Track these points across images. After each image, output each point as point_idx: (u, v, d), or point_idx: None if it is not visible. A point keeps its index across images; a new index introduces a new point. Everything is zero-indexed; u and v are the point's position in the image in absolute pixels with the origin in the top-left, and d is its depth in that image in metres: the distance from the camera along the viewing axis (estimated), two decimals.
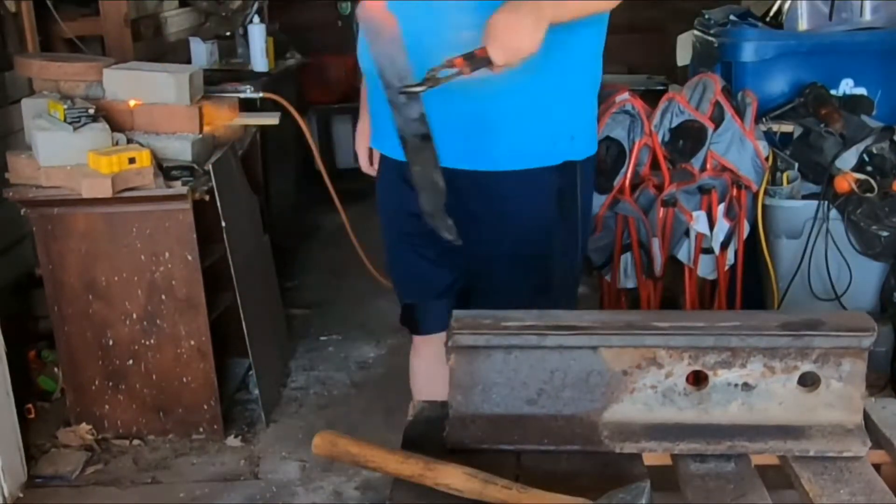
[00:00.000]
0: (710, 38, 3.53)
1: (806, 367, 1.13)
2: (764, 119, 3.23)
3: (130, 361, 2.87)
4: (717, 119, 3.03)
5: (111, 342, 2.85)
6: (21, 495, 2.68)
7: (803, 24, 3.43)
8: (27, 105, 2.93)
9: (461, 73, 1.48)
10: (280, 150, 4.15)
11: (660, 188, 3.01)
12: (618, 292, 3.21)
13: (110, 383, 2.90)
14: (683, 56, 4.00)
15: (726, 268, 3.09)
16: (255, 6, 4.29)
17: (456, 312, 1.17)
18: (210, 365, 2.88)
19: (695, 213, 2.97)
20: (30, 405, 2.98)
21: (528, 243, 1.82)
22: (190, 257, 2.79)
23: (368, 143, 2.05)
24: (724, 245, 3.05)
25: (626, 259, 3.11)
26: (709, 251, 3.06)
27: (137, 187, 2.67)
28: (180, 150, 2.83)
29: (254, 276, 3.16)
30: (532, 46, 1.50)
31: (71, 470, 2.78)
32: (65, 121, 2.72)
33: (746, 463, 1.13)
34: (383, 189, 2.00)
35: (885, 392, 2.96)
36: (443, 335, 1.21)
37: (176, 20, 4.51)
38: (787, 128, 3.23)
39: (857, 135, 3.08)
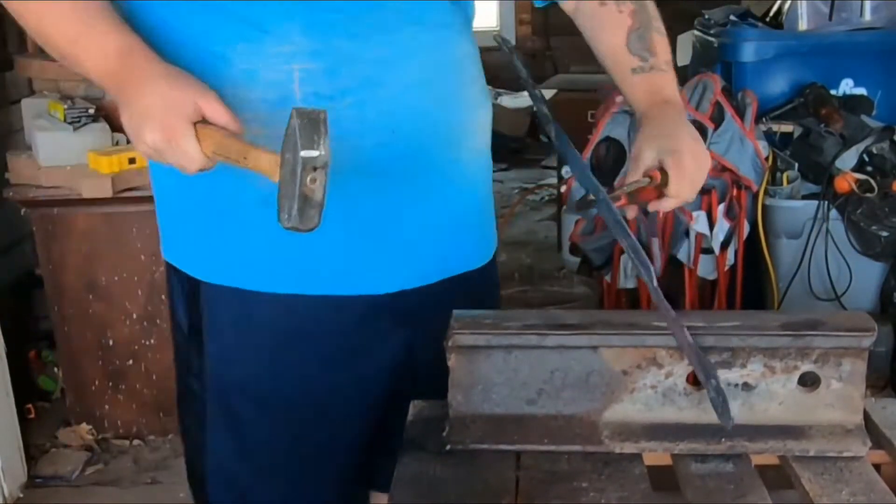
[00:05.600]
0: (710, 38, 3.53)
1: (806, 367, 1.13)
2: (764, 119, 3.23)
3: (130, 361, 2.87)
4: (717, 119, 3.03)
5: (111, 342, 2.85)
6: (21, 495, 2.68)
7: (803, 24, 3.43)
8: (27, 105, 2.93)
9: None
10: None
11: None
12: (618, 292, 3.21)
13: (110, 383, 2.90)
14: (683, 56, 4.00)
15: (726, 268, 3.09)
16: None
17: (456, 312, 1.17)
18: None
19: (695, 213, 2.97)
20: (30, 405, 2.98)
21: None
22: None
23: None
24: (724, 245, 3.05)
25: (625, 259, 3.10)
26: (709, 251, 3.05)
27: (137, 187, 2.67)
28: None
29: None
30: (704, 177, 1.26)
31: (71, 470, 2.78)
32: (65, 121, 2.73)
33: (746, 463, 1.13)
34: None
35: (885, 392, 2.96)
36: None
37: None
38: (787, 128, 3.22)
39: (857, 135, 3.08)
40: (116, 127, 2.81)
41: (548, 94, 5.60)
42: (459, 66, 1.30)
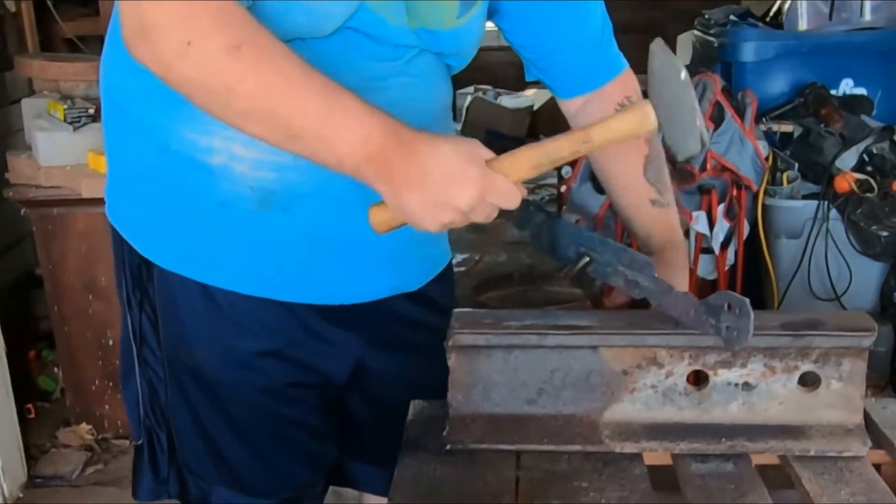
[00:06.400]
0: (710, 38, 3.53)
1: (806, 367, 1.13)
2: (764, 119, 3.23)
3: None
4: (717, 119, 3.03)
5: (111, 342, 2.85)
6: (21, 495, 2.68)
7: (803, 24, 3.43)
8: (27, 105, 2.93)
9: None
10: None
11: None
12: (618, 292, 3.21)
13: (110, 383, 2.89)
14: (683, 56, 4.00)
15: (726, 268, 3.09)
16: None
17: (456, 312, 1.17)
18: None
19: (695, 213, 2.97)
20: (30, 405, 2.98)
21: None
22: None
23: None
24: (724, 245, 3.05)
25: None
26: (709, 251, 3.06)
27: None
28: None
29: None
30: None
31: (71, 470, 2.78)
32: (65, 121, 2.72)
33: (747, 463, 1.13)
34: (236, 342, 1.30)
35: (885, 392, 2.96)
36: None
37: None
38: (787, 128, 3.23)
39: (857, 135, 3.08)
40: None
41: (547, 94, 5.60)
42: (436, 108, 1.32)
